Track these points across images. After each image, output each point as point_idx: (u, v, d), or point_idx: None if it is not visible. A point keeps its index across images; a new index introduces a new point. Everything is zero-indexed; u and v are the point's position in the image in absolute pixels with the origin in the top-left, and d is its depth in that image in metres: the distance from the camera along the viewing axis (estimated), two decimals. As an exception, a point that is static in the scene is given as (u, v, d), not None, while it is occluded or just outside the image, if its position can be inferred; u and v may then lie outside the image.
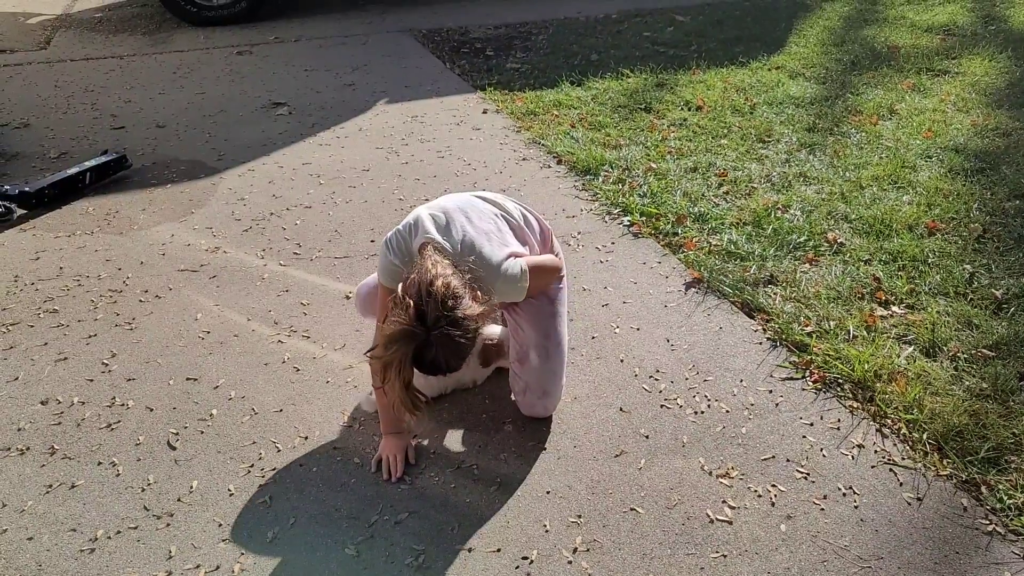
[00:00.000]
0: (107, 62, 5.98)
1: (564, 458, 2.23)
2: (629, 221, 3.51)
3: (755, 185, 3.80)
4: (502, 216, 2.19)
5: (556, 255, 2.41)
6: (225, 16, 6.92)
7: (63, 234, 3.47)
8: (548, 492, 2.11)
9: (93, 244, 3.39)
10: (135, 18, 7.28)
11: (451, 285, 1.83)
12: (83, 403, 2.44)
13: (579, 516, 2.04)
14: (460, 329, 1.81)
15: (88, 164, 3.87)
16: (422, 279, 1.84)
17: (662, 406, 2.42)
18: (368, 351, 2.01)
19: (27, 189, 3.62)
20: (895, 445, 2.25)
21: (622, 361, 2.63)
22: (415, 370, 1.88)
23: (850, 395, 2.45)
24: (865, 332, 2.70)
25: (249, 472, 2.18)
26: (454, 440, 2.31)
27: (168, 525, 2.01)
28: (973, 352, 2.58)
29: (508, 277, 2.03)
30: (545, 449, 2.26)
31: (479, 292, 1.90)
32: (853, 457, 2.21)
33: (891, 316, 2.79)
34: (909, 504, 2.06)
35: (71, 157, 4.23)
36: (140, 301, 2.98)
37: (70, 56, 6.13)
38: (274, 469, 2.19)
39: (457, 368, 1.92)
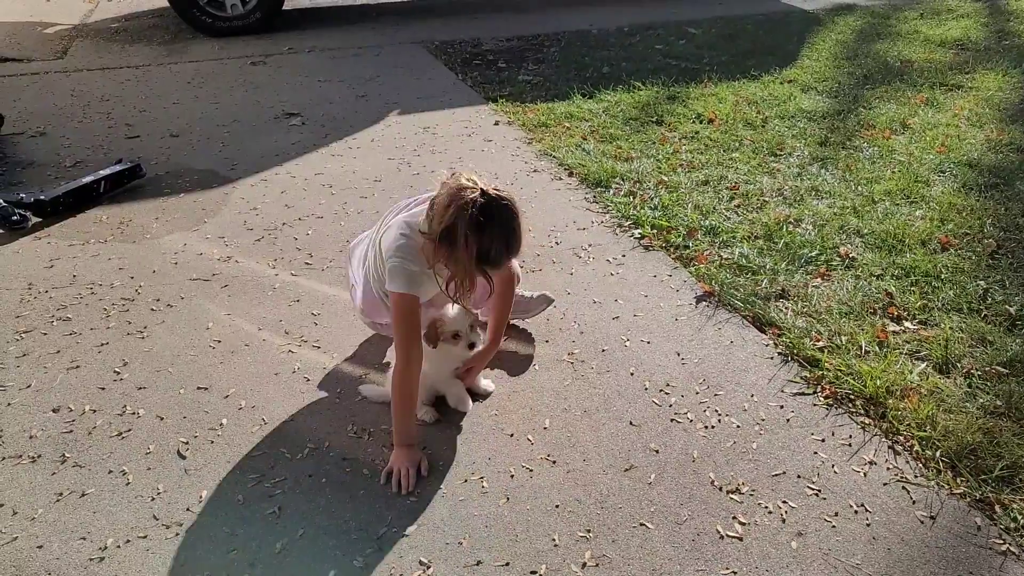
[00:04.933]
0: (123, 72, 6.04)
1: (573, 472, 2.22)
2: (640, 234, 3.50)
3: (767, 199, 3.79)
4: None
5: None
6: (239, 27, 6.99)
7: (77, 242, 3.50)
8: (557, 506, 2.10)
9: (106, 252, 3.41)
10: (151, 29, 7.36)
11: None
12: (94, 411, 2.45)
13: (588, 531, 2.03)
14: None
15: (103, 173, 3.91)
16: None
17: (672, 420, 2.41)
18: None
19: (42, 197, 3.65)
20: (907, 462, 2.23)
21: (632, 374, 2.62)
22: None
23: (862, 411, 2.43)
24: (877, 348, 2.68)
25: (258, 482, 2.18)
26: (462, 453, 2.30)
27: (177, 535, 2.01)
28: (987, 369, 2.56)
29: None
30: (554, 463, 2.25)
31: None
32: (865, 474, 2.19)
33: (903, 332, 2.77)
34: (922, 522, 2.04)
35: (86, 166, 4.27)
36: (152, 310, 2.99)
37: (87, 66, 6.19)
38: (283, 479, 2.19)
39: (517, 251, 2.12)
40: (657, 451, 2.29)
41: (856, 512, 2.07)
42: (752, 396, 2.51)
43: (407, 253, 2.18)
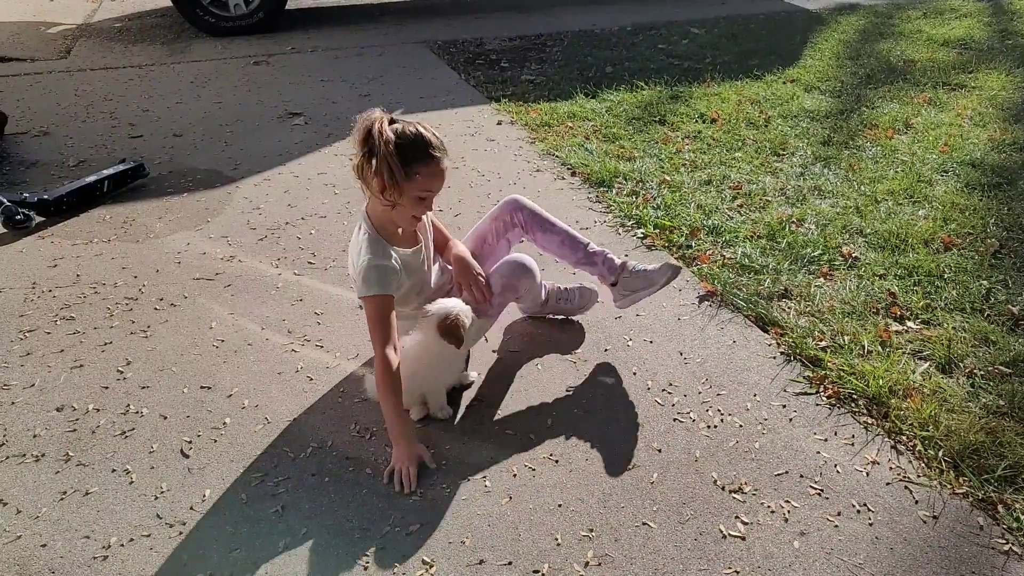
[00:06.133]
0: (126, 71, 6.05)
1: (576, 471, 2.22)
2: (643, 233, 3.50)
3: (769, 198, 3.79)
4: None
5: None
6: (242, 27, 6.99)
7: (80, 242, 3.50)
8: (560, 505, 2.11)
9: (110, 252, 3.42)
10: (154, 28, 7.36)
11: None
12: (98, 410, 2.46)
13: (591, 530, 2.03)
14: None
15: (106, 172, 3.92)
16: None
17: (675, 420, 2.41)
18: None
19: (46, 197, 3.66)
20: (910, 462, 2.23)
21: (635, 374, 2.62)
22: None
23: (864, 411, 2.43)
24: (880, 347, 2.68)
25: (262, 481, 2.19)
26: (465, 452, 2.31)
27: (181, 534, 2.02)
28: (990, 369, 2.56)
29: None
30: (557, 462, 2.26)
31: None
32: (868, 474, 2.19)
33: (906, 331, 2.77)
34: (924, 522, 2.04)
35: (90, 165, 4.28)
36: (155, 309, 3.00)
37: (90, 65, 6.20)
38: (287, 479, 2.20)
39: (438, 139, 2.39)
40: (660, 450, 2.29)
41: (859, 512, 2.07)
42: (755, 396, 2.51)
43: (372, 247, 2.26)
